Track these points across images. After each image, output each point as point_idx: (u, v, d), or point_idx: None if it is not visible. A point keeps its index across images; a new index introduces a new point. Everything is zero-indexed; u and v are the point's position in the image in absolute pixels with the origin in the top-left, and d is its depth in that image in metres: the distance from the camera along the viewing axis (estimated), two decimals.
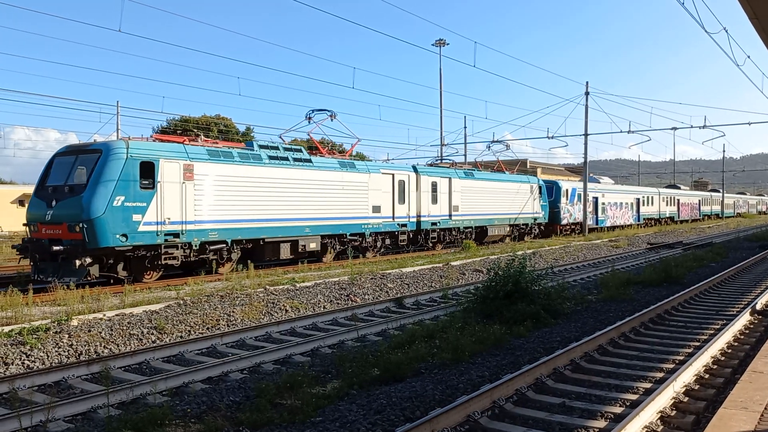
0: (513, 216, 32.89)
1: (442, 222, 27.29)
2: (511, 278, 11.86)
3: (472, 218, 29.39)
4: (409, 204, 25.17)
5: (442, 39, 43.45)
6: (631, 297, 13.95)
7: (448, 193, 27.62)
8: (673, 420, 6.17)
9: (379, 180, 23.72)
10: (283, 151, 20.17)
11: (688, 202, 66.10)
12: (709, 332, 10.28)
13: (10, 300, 11.99)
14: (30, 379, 7.91)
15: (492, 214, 31.04)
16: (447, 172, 28.24)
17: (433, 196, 26.65)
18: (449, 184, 27.73)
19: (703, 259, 22.49)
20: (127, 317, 11.36)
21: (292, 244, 20.01)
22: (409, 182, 25.33)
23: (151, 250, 16.10)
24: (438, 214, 27.00)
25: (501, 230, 31.91)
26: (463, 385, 7.34)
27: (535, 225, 35.64)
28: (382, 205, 23.61)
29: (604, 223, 44.80)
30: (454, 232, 28.38)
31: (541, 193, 35.82)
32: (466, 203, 28.81)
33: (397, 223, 24.46)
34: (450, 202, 27.68)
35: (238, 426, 6.14)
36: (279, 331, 11.17)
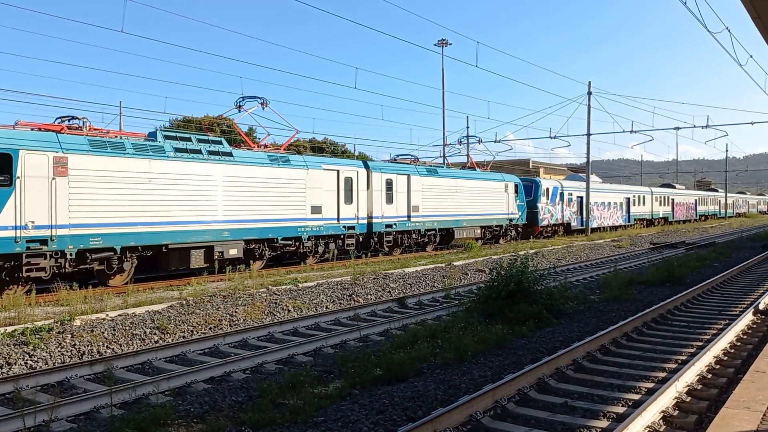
0: (484, 217, 30.45)
1: (399, 224, 24.78)
2: (513, 278, 11.86)
3: (435, 219, 26.85)
4: (359, 204, 22.67)
5: (445, 39, 43.40)
6: (633, 297, 13.94)
7: (407, 191, 25.25)
8: (675, 420, 6.17)
9: (320, 177, 21.13)
10: (196, 143, 17.50)
11: (684, 202, 63.70)
12: (711, 332, 10.26)
13: (13, 300, 12.03)
14: (33, 379, 7.93)
15: (459, 215, 28.48)
16: (405, 169, 25.79)
17: (388, 195, 24.15)
18: (407, 181, 25.36)
19: (706, 258, 22.46)
20: (130, 317, 11.38)
21: (206, 251, 17.44)
22: (359, 179, 22.79)
23: (8, 260, 13.59)
24: (394, 215, 24.52)
25: (470, 233, 29.34)
26: (465, 384, 7.34)
27: (510, 227, 33.13)
28: (324, 205, 21.11)
29: (591, 224, 42.22)
30: (414, 234, 25.95)
31: (518, 192, 33.38)
32: (429, 203, 26.42)
33: (342, 225, 22.01)
34: (409, 202, 25.28)
35: (241, 426, 6.15)
36: (281, 331, 11.18)
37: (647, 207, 52.94)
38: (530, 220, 35.41)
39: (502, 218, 31.98)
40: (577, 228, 40.36)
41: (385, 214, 24.02)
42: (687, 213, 64.02)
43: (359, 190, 22.83)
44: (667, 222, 57.23)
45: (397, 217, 24.70)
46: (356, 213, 22.63)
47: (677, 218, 60.61)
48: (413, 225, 25.65)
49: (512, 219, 32.79)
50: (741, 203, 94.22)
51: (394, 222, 24.56)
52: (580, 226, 40.85)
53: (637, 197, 51.12)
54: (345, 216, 22.19)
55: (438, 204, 27.02)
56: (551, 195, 37.42)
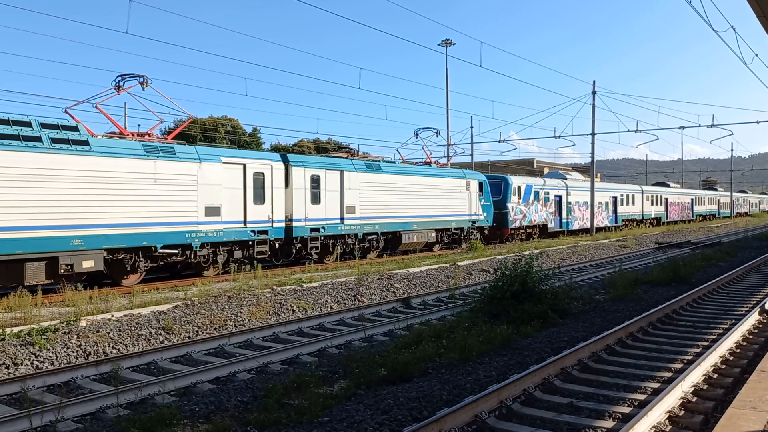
0: (441, 219, 27.14)
1: (328, 227, 21.46)
2: (518, 278, 11.85)
3: (377, 222, 23.50)
4: (274, 204, 19.30)
5: (449, 39, 43.44)
6: (639, 296, 13.90)
7: (339, 190, 21.93)
8: (681, 420, 6.15)
9: (218, 172, 17.71)
10: (38, 129, 14.25)
11: (678, 201, 59.84)
12: (717, 332, 10.23)
13: (20, 301, 12.07)
14: (40, 380, 7.97)
15: (408, 217, 25.14)
16: (336, 164, 22.29)
17: (314, 194, 20.90)
18: (340, 178, 22.02)
19: (712, 258, 22.39)
20: (135, 318, 11.41)
21: (49, 263, 14.13)
22: (274, 176, 19.43)
23: None
24: (322, 218, 21.18)
25: (422, 236, 26.02)
26: (470, 385, 7.33)
27: (473, 229, 29.61)
28: (224, 206, 17.74)
29: (571, 226, 39.47)
30: (349, 239, 22.61)
31: (483, 191, 30.08)
32: (369, 203, 23.10)
33: (251, 229, 18.64)
34: (342, 202, 21.98)
35: (246, 426, 6.16)
36: (286, 331, 11.20)
37: (637, 207, 49.77)
38: (499, 222, 32.26)
39: (463, 220, 28.62)
40: (554, 230, 37.42)
41: (310, 216, 20.70)
42: (682, 213, 60.71)
43: (275, 188, 19.42)
44: (660, 223, 54.04)
45: (326, 219, 21.35)
46: (270, 215, 19.23)
47: (671, 219, 57.24)
48: (347, 228, 22.28)
49: (475, 221, 29.50)
50: (742, 202, 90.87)
51: (322, 225, 21.20)
52: (558, 227, 38.02)
53: (625, 196, 48.06)
54: (254, 219, 18.81)
55: (381, 204, 23.77)
56: (524, 194, 34.13)
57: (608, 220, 44.78)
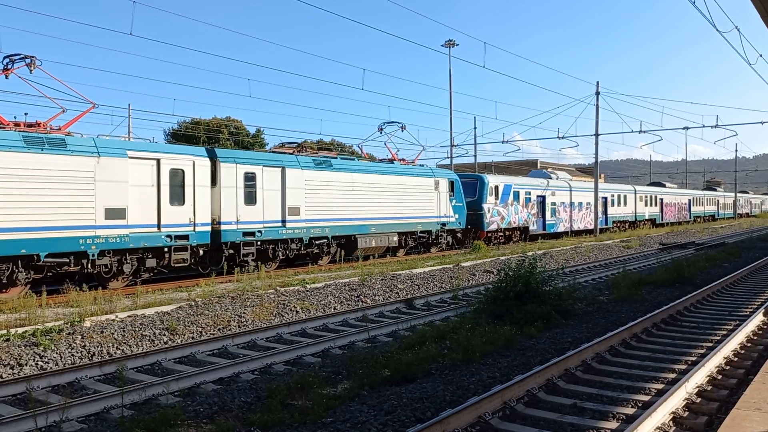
0: (404, 221, 24.75)
1: (267, 231, 19.03)
2: (521, 279, 11.84)
3: (327, 224, 21.17)
4: (196, 205, 17.00)
5: (452, 40, 43.41)
6: (642, 297, 13.88)
7: (281, 189, 19.62)
8: (685, 421, 6.14)
9: (124, 168, 15.38)
10: None
11: (675, 202, 56.89)
12: (721, 333, 10.21)
13: (24, 302, 12.11)
14: (45, 380, 8.00)
15: (365, 219, 22.77)
16: (277, 160, 19.86)
17: (249, 194, 18.61)
18: (282, 176, 19.68)
19: (716, 259, 22.34)
20: (139, 318, 11.44)
21: None
22: (197, 173, 17.08)
23: None
24: (258, 220, 18.85)
25: (382, 240, 23.67)
26: (473, 385, 7.33)
27: (443, 232, 27.39)
28: (130, 207, 15.41)
29: (555, 228, 37.07)
30: (294, 244, 20.14)
31: (455, 191, 27.85)
32: (317, 204, 20.77)
33: (166, 234, 16.31)
34: (284, 202, 19.66)
35: (250, 426, 6.17)
36: (290, 332, 11.21)
37: (629, 208, 47.15)
38: (474, 224, 29.89)
39: (431, 222, 26.28)
40: (537, 233, 35.19)
41: (244, 219, 18.38)
42: (679, 214, 57.91)
43: (198, 187, 17.09)
44: (655, 224, 51.37)
45: (263, 222, 19.01)
46: (192, 218, 16.90)
47: (667, 220, 54.41)
48: (290, 232, 19.88)
49: (445, 223, 27.19)
50: (743, 203, 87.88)
51: (258, 228, 18.82)
52: (542, 230, 35.70)
53: (616, 197, 45.32)
54: (171, 222, 16.47)
55: (332, 205, 21.42)
56: (501, 194, 31.70)
57: (598, 221, 42.49)
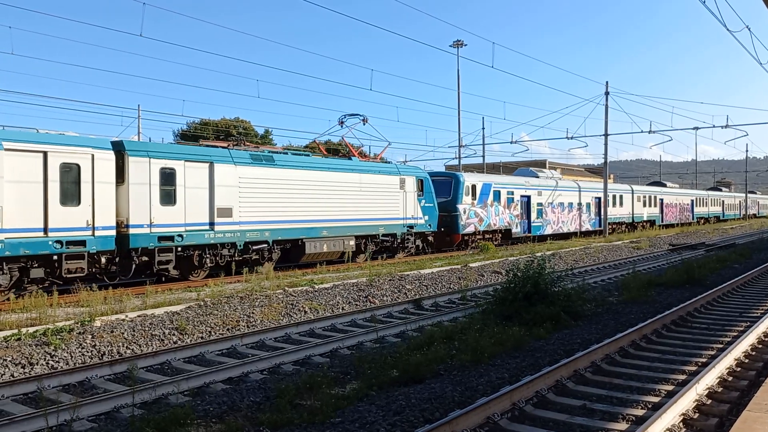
0: (363, 223, 22.51)
1: (190, 234, 16.85)
2: (530, 280, 11.81)
3: (266, 228, 18.95)
4: (95, 205, 14.89)
5: (460, 40, 43.39)
6: (652, 299, 13.82)
7: (208, 187, 17.43)
8: (696, 422, 6.11)
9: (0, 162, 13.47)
10: None
11: (676, 203, 54.53)
12: (732, 334, 10.14)
13: (35, 301, 12.20)
14: (56, 379, 8.05)
15: (315, 221, 20.51)
16: (203, 154, 17.61)
17: (166, 192, 16.35)
18: (209, 173, 17.48)
19: (726, 260, 22.19)
20: (149, 318, 11.50)
21: None
22: (96, 168, 14.95)
23: None
24: (178, 222, 16.59)
25: (336, 245, 21.35)
26: (482, 386, 7.32)
27: (410, 235, 25.16)
28: (6, 208, 13.48)
29: (542, 230, 34.77)
30: (225, 249, 17.96)
31: (424, 190, 25.63)
32: (255, 204, 18.64)
33: (55, 239, 14.18)
34: (212, 202, 17.46)
35: (259, 426, 6.19)
36: (298, 332, 11.23)
37: (626, 208, 44.81)
38: (448, 226, 27.93)
39: (395, 224, 24.04)
40: (520, 235, 33.15)
41: (160, 221, 16.16)
42: (681, 215, 55.46)
43: (98, 184, 14.99)
44: (654, 226, 48.91)
45: (185, 225, 16.75)
46: (90, 220, 14.75)
47: (668, 221, 52.02)
48: (220, 236, 17.65)
49: (413, 225, 24.92)
50: (750, 204, 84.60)
51: (178, 232, 16.57)
52: (526, 232, 33.67)
53: (611, 197, 42.80)
54: (62, 225, 14.38)
55: (273, 205, 19.25)
56: (479, 194, 29.66)
57: (590, 223, 40.49)
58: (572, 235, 37.93)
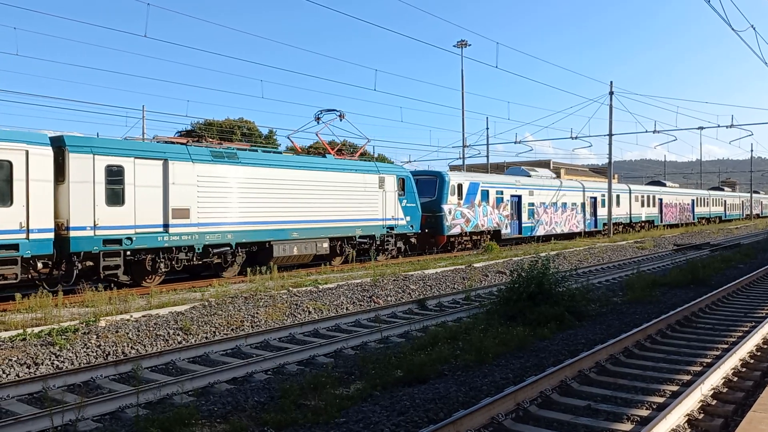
0: (338, 225, 21.22)
1: (141, 238, 15.55)
2: (534, 280, 11.79)
3: (229, 230, 17.68)
4: (30, 206, 13.79)
5: (464, 40, 43.34)
6: (657, 299, 13.79)
7: (162, 186, 16.17)
8: (701, 423, 6.09)
9: None
10: None
11: (676, 203, 53.04)
12: (737, 335, 10.11)
13: (40, 301, 12.23)
14: (60, 379, 8.08)
15: (284, 223, 19.26)
16: (157, 151, 16.35)
17: (113, 192, 15.13)
18: (164, 170, 16.24)
19: (731, 260, 22.13)
20: (154, 318, 11.52)
21: None
22: (30, 164, 13.88)
23: None
24: (127, 224, 15.31)
25: (308, 248, 20.08)
26: (486, 386, 7.32)
27: (391, 237, 23.73)
28: None
29: (533, 231, 33.63)
30: (182, 253, 16.63)
31: (405, 190, 24.36)
32: (215, 204, 17.40)
33: None
34: (166, 202, 16.21)
35: (263, 426, 6.20)
36: (302, 332, 11.25)
37: (623, 208, 43.40)
38: (432, 228, 26.84)
39: (374, 225, 22.75)
40: (511, 236, 31.98)
41: (105, 223, 14.86)
42: (681, 215, 53.98)
43: (33, 182, 13.92)
44: (653, 226, 47.62)
45: (135, 227, 15.47)
46: (23, 222, 13.65)
47: (667, 221, 50.48)
48: (176, 239, 16.41)
49: (393, 226, 23.61)
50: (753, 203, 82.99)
51: (127, 235, 15.25)
52: (517, 233, 32.48)
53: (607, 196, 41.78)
54: None
55: (237, 206, 17.99)
56: (466, 194, 28.50)
57: (586, 223, 39.06)
58: (567, 236, 36.58)
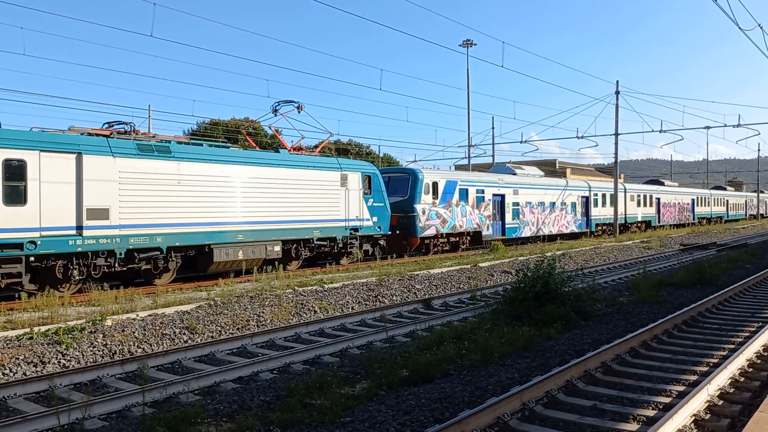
0: (292, 226, 19.26)
1: (48, 242, 13.75)
2: (540, 279, 11.77)
3: (158, 232, 15.80)
4: None
5: (470, 39, 43.33)
6: (663, 299, 13.74)
7: (76, 183, 14.35)
8: (707, 423, 6.07)
9: None
10: None
11: (674, 202, 50.96)
12: (744, 335, 10.07)
13: (47, 300, 12.29)
14: (67, 378, 8.11)
15: (227, 224, 17.36)
16: (69, 143, 14.44)
17: (11, 189, 13.42)
18: (78, 165, 14.41)
19: (738, 260, 22.05)
20: (160, 317, 11.56)
21: None
22: None
23: None
24: (30, 227, 13.56)
25: (256, 251, 18.18)
26: (492, 386, 7.31)
27: (355, 239, 21.83)
28: None
29: (518, 233, 31.92)
30: (101, 258, 14.88)
31: (372, 188, 22.43)
32: (141, 203, 15.50)
33: None
34: (80, 202, 14.37)
35: (269, 425, 6.21)
36: (308, 331, 11.26)
37: (618, 208, 41.52)
38: (404, 228, 25.12)
39: (335, 227, 20.89)
40: (493, 238, 29.93)
41: (1, 225, 13.18)
42: (680, 215, 52.16)
43: None
44: (650, 227, 45.97)
45: (41, 229, 13.73)
46: None
47: (666, 222, 48.70)
48: (92, 243, 14.56)
49: (358, 227, 21.77)
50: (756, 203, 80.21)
51: (31, 238, 13.53)
52: (499, 234, 30.69)
53: (600, 196, 39.73)
54: None
55: (168, 205, 16.01)
56: (442, 193, 26.86)
57: (576, 224, 37.10)
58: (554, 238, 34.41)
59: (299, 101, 21.69)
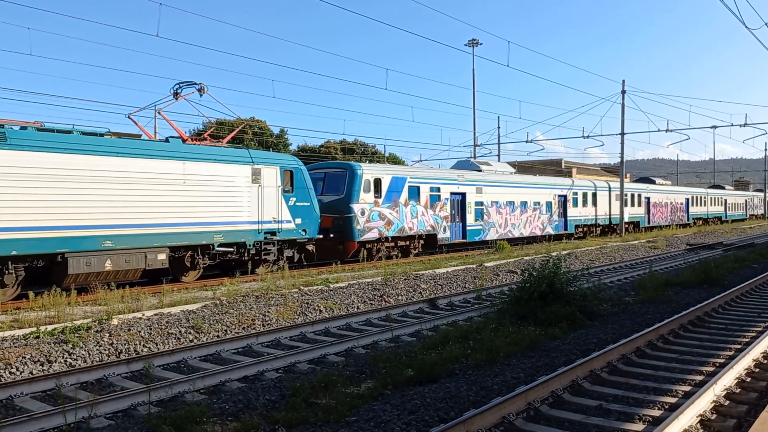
0: (183, 229, 16.09)
1: None
2: (545, 279, 11.75)
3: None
4: None
5: (475, 39, 43.29)
6: (669, 299, 13.69)
7: None
8: (713, 424, 6.04)
9: None
10: None
11: (666, 202, 48.26)
12: (750, 335, 10.03)
13: (53, 300, 12.34)
14: (74, 377, 8.15)
15: (90, 228, 14.22)
16: None
17: None
18: None
19: (745, 260, 21.95)
20: (165, 317, 11.59)
21: None
22: None
23: None
24: None
25: (129, 260, 14.99)
26: (497, 386, 7.30)
27: (271, 245, 18.66)
28: None
29: (482, 235, 28.78)
30: None
31: (295, 185, 19.21)
32: None
33: None
34: None
35: (274, 424, 6.22)
36: (313, 331, 11.27)
37: (602, 208, 38.58)
38: (340, 231, 21.92)
39: (244, 230, 17.68)
40: (451, 241, 27.18)
41: None
42: (673, 216, 49.33)
43: None
44: (639, 228, 43.40)
45: None
46: None
47: (656, 223, 46.12)
48: None
49: (275, 230, 18.60)
50: (757, 203, 77.77)
51: None
52: (460, 238, 27.74)
53: (581, 195, 36.34)
54: None
55: (6, 205, 12.91)
56: (386, 190, 23.53)
57: (551, 226, 33.86)
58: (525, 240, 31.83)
59: (202, 83, 18.60)
